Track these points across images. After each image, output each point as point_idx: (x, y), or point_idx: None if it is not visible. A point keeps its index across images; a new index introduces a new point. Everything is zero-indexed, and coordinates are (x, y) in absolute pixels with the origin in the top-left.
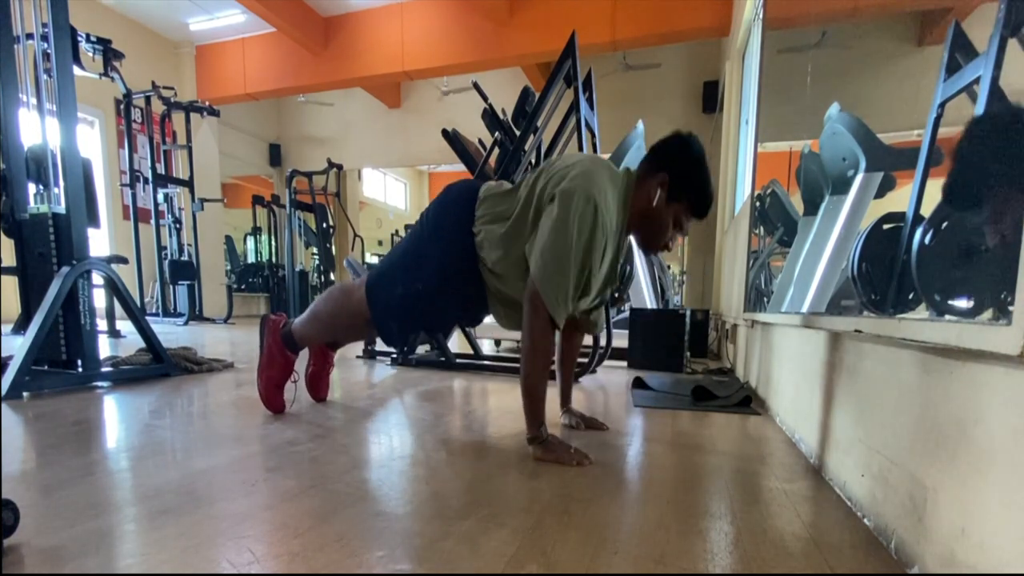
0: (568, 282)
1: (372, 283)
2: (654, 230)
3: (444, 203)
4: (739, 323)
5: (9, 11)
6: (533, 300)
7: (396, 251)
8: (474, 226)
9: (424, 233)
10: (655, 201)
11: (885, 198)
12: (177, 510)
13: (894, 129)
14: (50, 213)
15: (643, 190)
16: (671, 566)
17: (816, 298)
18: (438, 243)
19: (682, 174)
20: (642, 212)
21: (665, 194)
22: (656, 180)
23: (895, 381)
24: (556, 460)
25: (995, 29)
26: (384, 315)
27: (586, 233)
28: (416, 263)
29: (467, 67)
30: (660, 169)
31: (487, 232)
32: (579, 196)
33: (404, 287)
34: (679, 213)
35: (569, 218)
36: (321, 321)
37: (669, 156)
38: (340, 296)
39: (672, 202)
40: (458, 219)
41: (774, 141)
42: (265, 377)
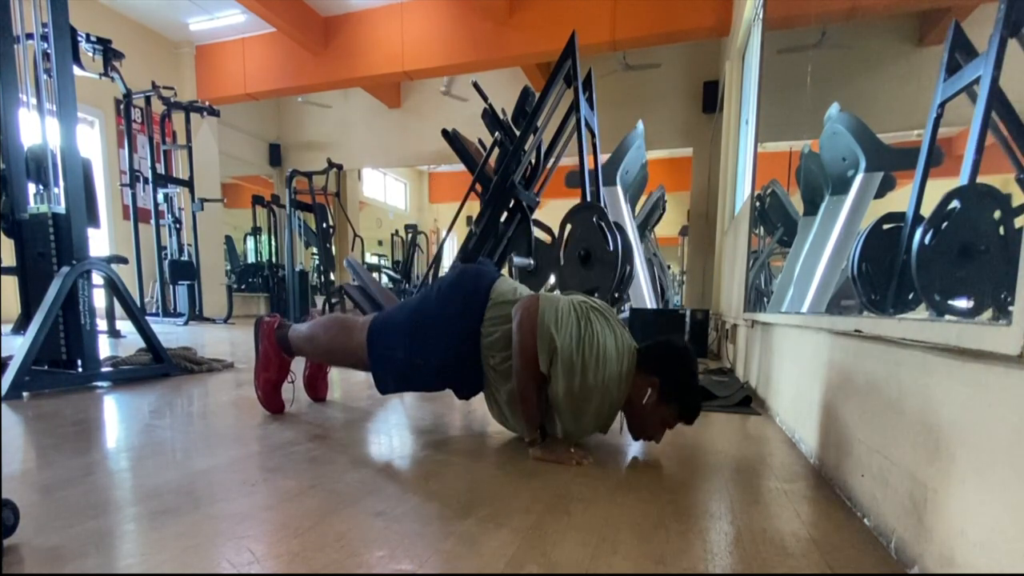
0: (589, 421)
1: (375, 334)
2: (644, 425)
3: (456, 289)
4: (739, 323)
5: (9, 11)
6: (521, 314)
7: (403, 310)
8: (483, 325)
9: (432, 312)
10: (645, 400)
11: (885, 198)
12: (177, 510)
13: (894, 129)
14: (50, 213)
15: (638, 384)
16: (671, 566)
17: (816, 298)
18: (443, 331)
19: (672, 383)
20: (636, 406)
21: (656, 395)
22: (648, 382)
23: (895, 381)
24: (556, 460)
25: (995, 29)
26: (382, 368)
27: (602, 377)
28: (420, 337)
29: (467, 67)
30: (652, 374)
31: (496, 335)
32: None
33: (405, 354)
34: (667, 415)
35: (587, 373)
36: (318, 348)
37: (661, 365)
38: (340, 332)
39: (662, 404)
40: (467, 314)
41: (774, 141)
42: (262, 379)
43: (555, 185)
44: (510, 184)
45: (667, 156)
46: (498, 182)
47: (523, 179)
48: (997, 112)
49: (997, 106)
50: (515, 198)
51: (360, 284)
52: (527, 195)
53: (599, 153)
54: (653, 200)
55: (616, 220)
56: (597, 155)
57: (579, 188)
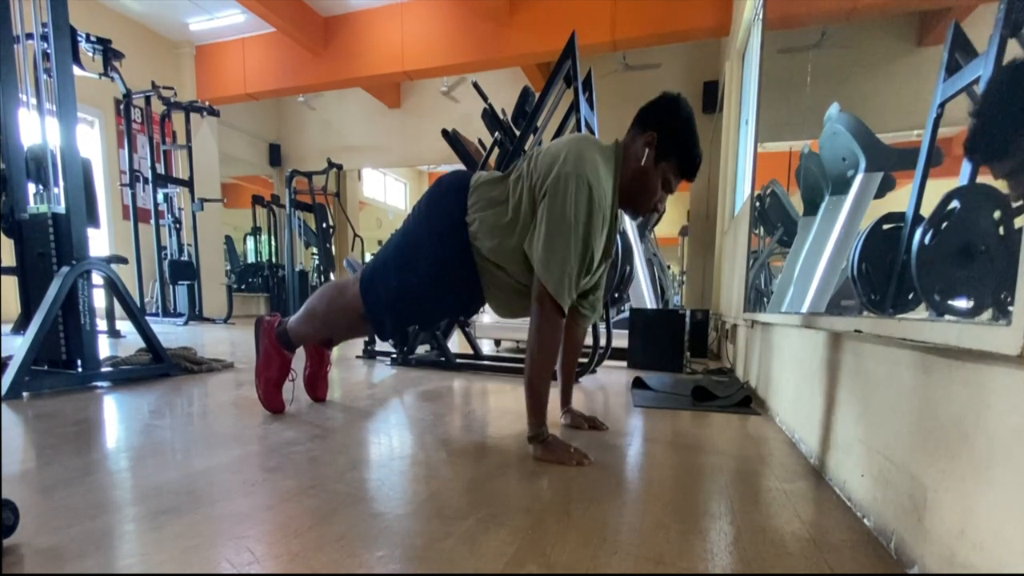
0: (572, 269)
1: (366, 278)
2: (643, 191)
3: (435, 194)
4: (739, 323)
5: (9, 11)
6: (541, 300)
7: (389, 245)
8: (467, 215)
9: (416, 225)
10: (643, 161)
11: (885, 198)
12: (177, 510)
13: (894, 129)
14: (50, 213)
15: (631, 152)
16: (671, 566)
17: (816, 298)
18: (431, 234)
19: (670, 132)
20: (631, 174)
21: (654, 153)
22: (644, 139)
23: (895, 381)
24: (556, 460)
25: (995, 29)
26: (378, 309)
27: (583, 216)
28: (409, 255)
29: (467, 67)
30: (648, 129)
31: (481, 220)
32: (573, 180)
33: (398, 280)
34: (667, 172)
35: (567, 206)
36: (316, 318)
37: (657, 115)
38: (334, 293)
39: (660, 161)
40: (450, 208)
41: (774, 141)
42: (263, 378)
43: None
44: None
45: None
46: None
47: None
48: None
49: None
50: None
51: None
52: None
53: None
54: None
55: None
56: None
57: None
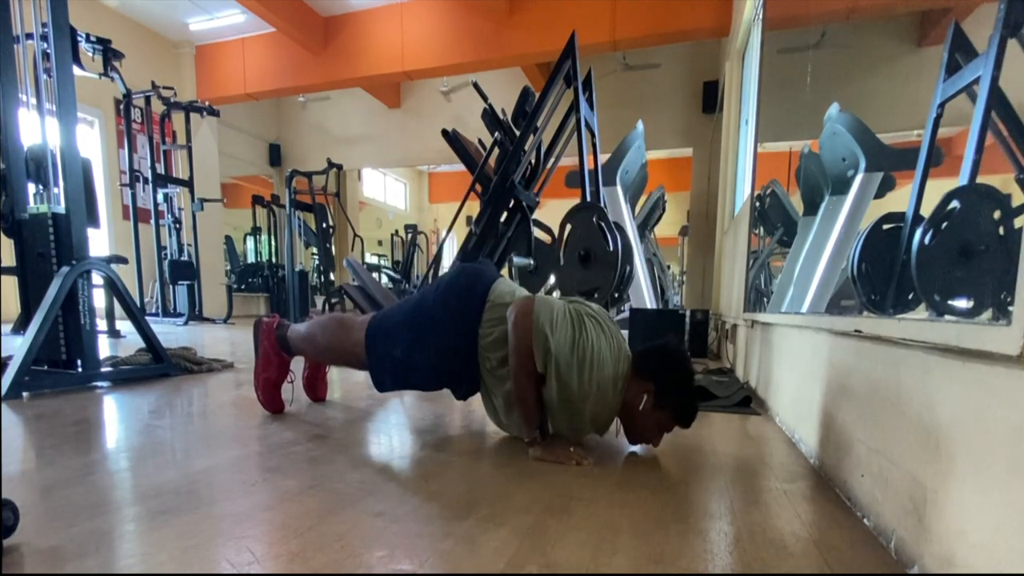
0: (585, 421)
1: (372, 334)
2: (640, 430)
3: (455, 288)
4: (739, 323)
5: (9, 11)
6: (516, 314)
7: (401, 309)
8: (480, 327)
9: (430, 310)
10: (642, 406)
11: (885, 198)
12: (177, 510)
13: (894, 129)
14: (50, 213)
15: (633, 389)
16: (671, 566)
17: (816, 298)
18: (441, 329)
19: (667, 388)
20: (631, 411)
21: (652, 400)
22: (643, 388)
23: (895, 381)
24: (556, 460)
25: (995, 29)
26: (380, 368)
27: (595, 382)
28: (417, 337)
29: (467, 67)
30: (646, 379)
31: (493, 336)
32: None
33: (403, 353)
34: (664, 420)
35: (582, 378)
36: (316, 347)
37: (657, 369)
38: (338, 331)
39: (658, 409)
40: (464, 313)
41: (774, 141)
42: (262, 379)
43: (555, 185)
44: (510, 184)
45: (667, 156)
46: (498, 182)
47: (523, 179)
48: (997, 112)
49: (997, 106)
50: (515, 198)
51: (360, 284)
52: (527, 195)
53: (599, 153)
54: (653, 200)
55: (616, 220)
56: (597, 155)
57: (579, 188)
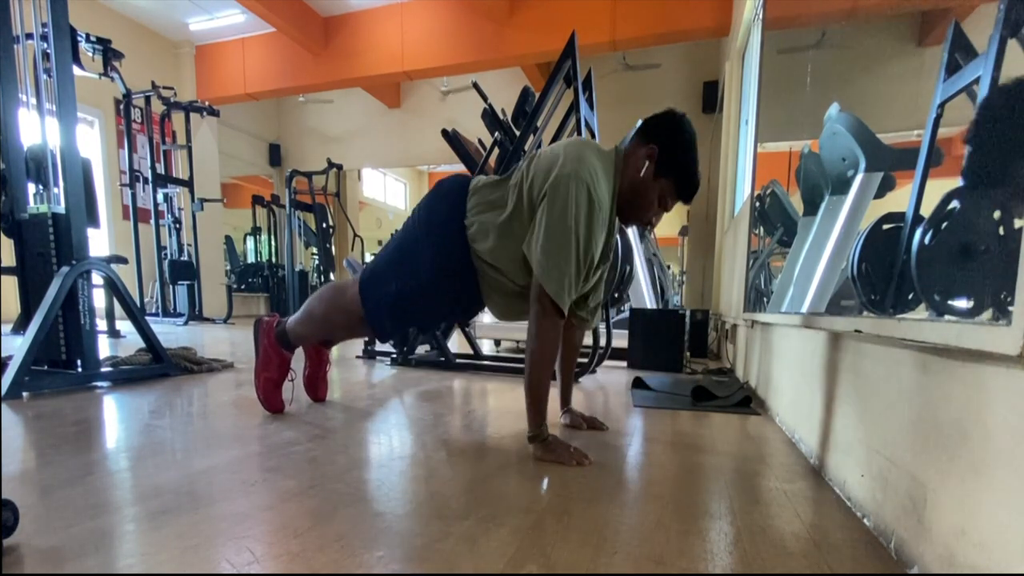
0: (571, 271)
1: (365, 280)
2: (639, 203)
3: (435, 197)
4: (739, 323)
5: (9, 11)
6: (540, 300)
7: (389, 248)
8: (466, 218)
9: (416, 228)
10: (643, 172)
11: (885, 198)
12: (177, 510)
13: (894, 129)
14: (50, 213)
15: (631, 161)
16: (671, 566)
17: (816, 298)
18: (430, 237)
19: (672, 150)
20: (630, 184)
21: (653, 166)
22: (645, 151)
23: (895, 381)
24: (556, 460)
25: (995, 29)
26: (377, 312)
27: (583, 219)
28: (409, 258)
29: (467, 67)
30: (650, 141)
31: (480, 222)
32: (572, 182)
33: (397, 283)
34: (664, 190)
35: (566, 208)
36: (315, 320)
37: (661, 130)
38: (333, 294)
39: (659, 177)
40: (450, 211)
41: (774, 141)
42: (263, 378)
43: None
44: None
45: None
46: None
47: None
48: None
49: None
50: None
51: None
52: None
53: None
54: None
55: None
56: None
57: None
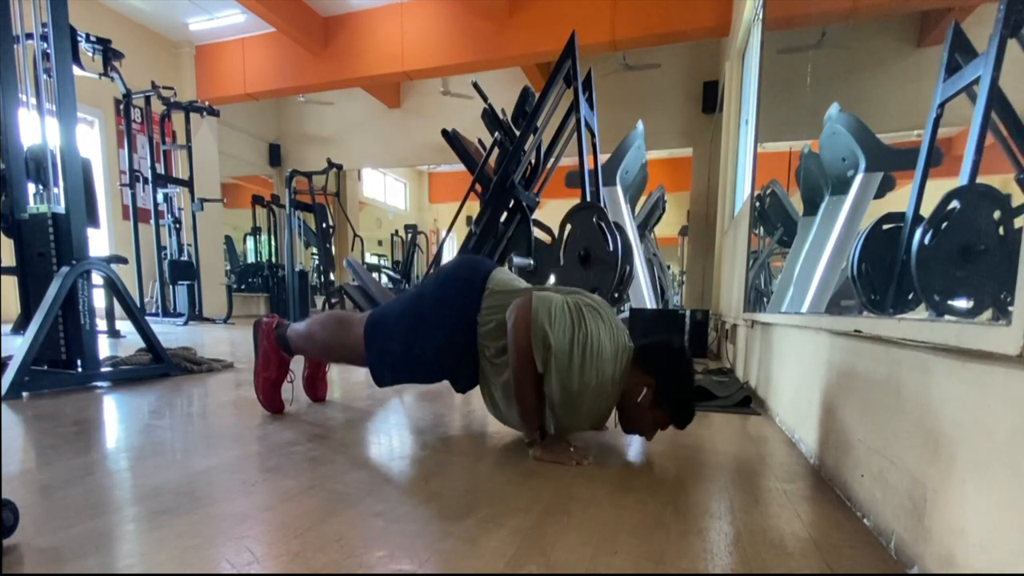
0: (582, 421)
1: (371, 328)
2: (637, 424)
3: (453, 278)
4: (739, 323)
5: (9, 11)
6: (515, 314)
7: (400, 302)
8: (479, 315)
9: (429, 301)
10: (640, 399)
11: (885, 198)
12: (177, 510)
13: (894, 129)
14: (50, 213)
15: (631, 383)
16: (671, 566)
17: (816, 298)
18: (440, 319)
19: (669, 385)
20: (630, 403)
21: (652, 395)
22: (644, 382)
23: (895, 381)
24: (555, 460)
25: (995, 29)
26: (379, 362)
27: (592, 379)
28: (416, 328)
29: (467, 67)
30: (648, 372)
31: (491, 325)
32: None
33: (402, 346)
34: (661, 417)
35: (580, 375)
36: (316, 345)
37: (659, 364)
38: (337, 328)
39: (655, 406)
40: (463, 303)
41: (774, 141)
42: (262, 379)
43: (555, 185)
44: (510, 184)
45: (667, 156)
46: (498, 182)
47: (523, 179)
48: (997, 112)
49: (997, 106)
50: (515, 198)
51: (360, 284)
52: (527, 195)
53: (599, 153)
54: (653, 200)
55: (616, 220)
56: (597, 155)
57: (579, 188)
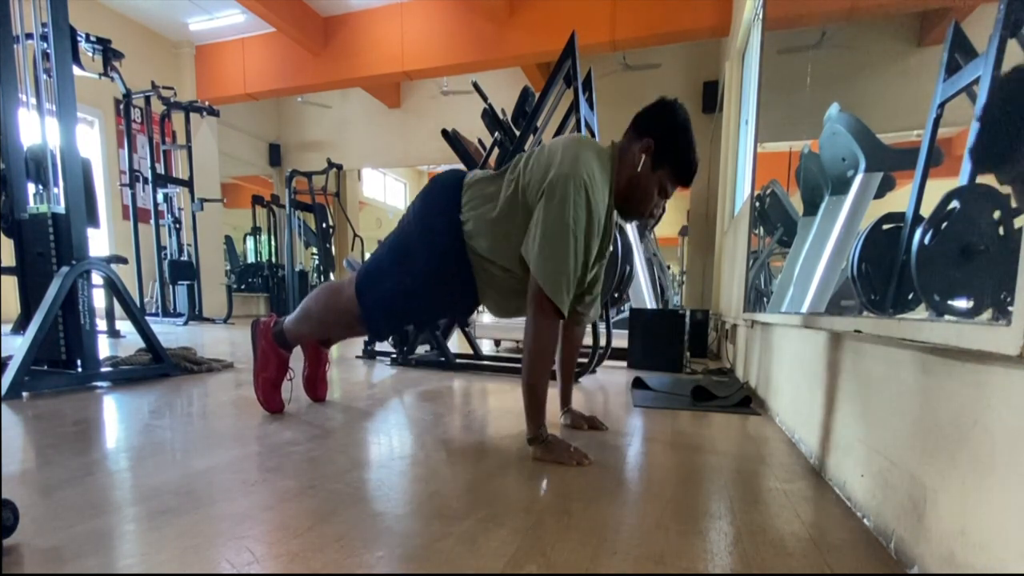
0: (569, 271)
1: (361, 280)
2: (639, 197)
3: (430, 192)
4: (739, 323)
5: (9, 11)
6: (537, 300)
7: (384, 246)
8: (461, 213)
9: (410, 225)
10: (639, 167)
11: (885, 198)
12: (177, 510)
13: (894, 129)
14: (49, 213)
15: (627, 157)
16: (671, 566)
17: (816, 298)
18: (424, 234)
19: (667, 139)
20: (627, 180)
21: (650, 160)
22: (640, 146)
23: (895, 381)
24: (556, 460)
25: (995, 29)
26: (373, 311)
27: (582, 221)
28: (404, 256)
29: (467, 67)
30: (644, 135)
31: (475, 217)
32: (570, 183)
33: (393, 281)
34: (663, 179)
35: (564, 208)
36: (312, 319)
37: (654, 122)
38: (329, 294)
39: (657, 168)
40: (444, 207)
41: (774, 141)
42: (261, 379)
43: None
44: None
45: None
46: None
47: None
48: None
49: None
50: None
51: None
52: None
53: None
54: None
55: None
56: None
57: None
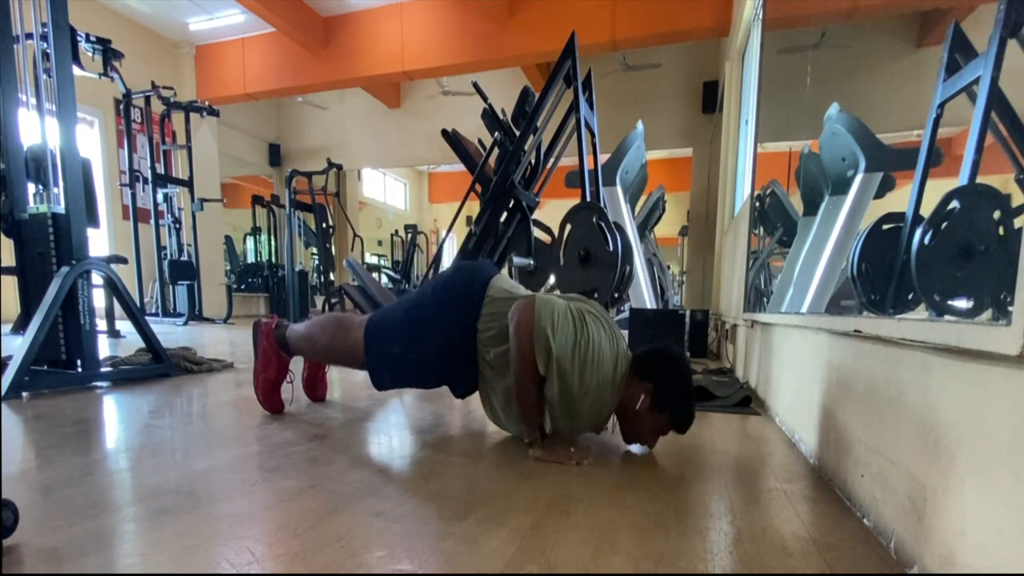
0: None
1: (371, 331)
2: (636, 430)
3: (453, 284)
4: (739, 323)
5: (9, 11)
6: (518, 316)
7: (400, 306)
8: (479, 321)
9: (430, 306)
10: (639, 406)
11: (885, 198)
12: (177, 510)
13: (894, 129)
14: (49, 213)
15: (631, 389)
16: (671, 566)
17: (816, 298)
18: (439, 325)
19: (667, 390)
20: (629, 409)
21: (649, 402)
22: (642, 388)
23: (895, 381)
24: (556, 460)
25: (995, 29)
26: (378, 365)
27: (592, 382)
28: (416, 333)
29: (467, 67)
30: (646, 380)
31: (492, 331)
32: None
33: (402, 349)
34: (660, 422)
35: (580, 377)
36: (316, 346)
37: (656, 372)
38: (337, 330)
39: (655, 411)
40: (463, 310)
41: (774, 141)
42: (262, 379)
43: (555, 185)
44: (510, 184)
45: (667, 156)
46: (498, 182)
47: (523, 179)
48: (997, 112)
49: (997, 106)
50: (515, 198)
51: (360, 284)
52: (527, 195)
53: (599, 153)
54: (653, 200)
55: (616, 220)
56: (597, 155)
57: (579, 188)
